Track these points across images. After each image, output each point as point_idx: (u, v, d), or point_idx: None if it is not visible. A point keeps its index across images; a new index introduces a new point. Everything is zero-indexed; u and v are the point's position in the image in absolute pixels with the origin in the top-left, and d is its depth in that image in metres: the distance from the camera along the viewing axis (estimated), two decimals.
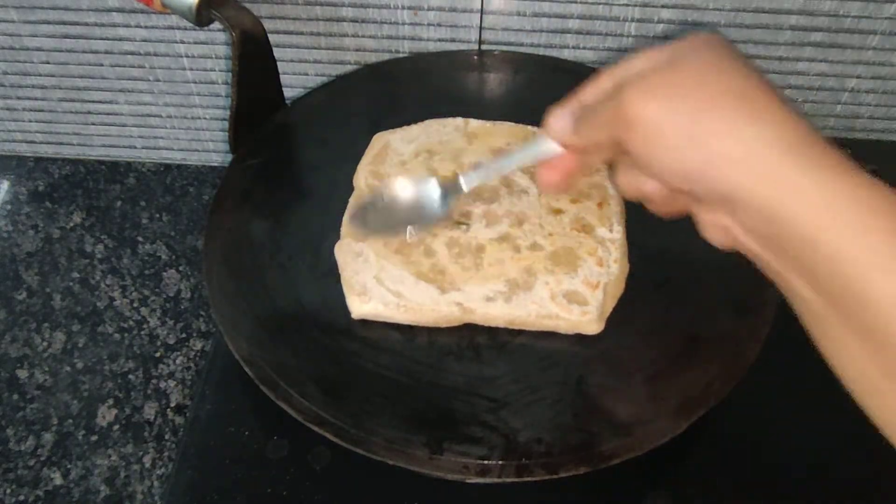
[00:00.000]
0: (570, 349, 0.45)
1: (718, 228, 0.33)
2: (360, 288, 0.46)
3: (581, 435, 0.41)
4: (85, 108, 0.69)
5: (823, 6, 0.58)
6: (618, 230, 0.49)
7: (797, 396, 0.49)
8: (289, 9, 0.60)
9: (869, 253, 0.27)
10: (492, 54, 0.62)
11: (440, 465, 0.40)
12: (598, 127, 0.34)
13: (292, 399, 0.42)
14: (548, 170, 0.38)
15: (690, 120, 0.30)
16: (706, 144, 0.30)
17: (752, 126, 0.29)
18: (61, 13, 0.61)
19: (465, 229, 0.49)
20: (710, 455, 0.47)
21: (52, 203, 0.67)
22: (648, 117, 0.31)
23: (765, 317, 0.45)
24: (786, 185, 0.28)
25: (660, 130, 0.31)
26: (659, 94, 0.31)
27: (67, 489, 0.50)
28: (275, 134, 0.57)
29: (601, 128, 0.34)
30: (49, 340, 0.57)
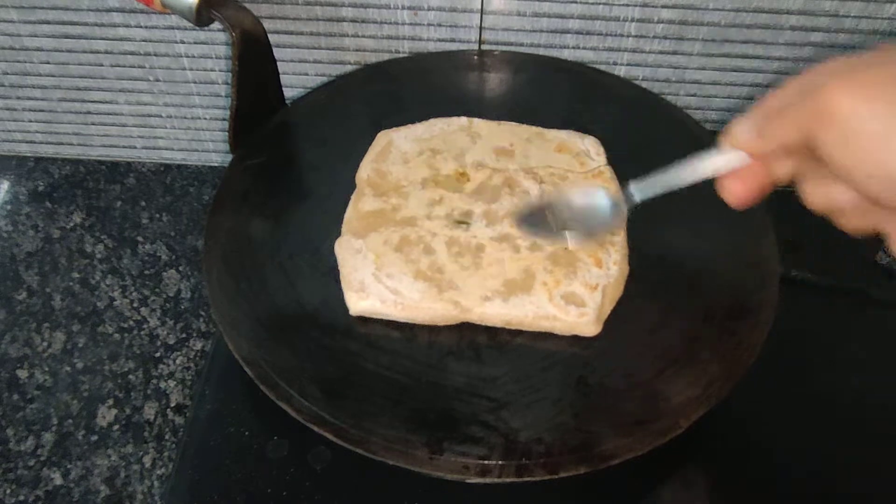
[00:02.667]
0: (571, 349, 0.45)
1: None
2: (358, 284, 0.46)
3: (581, 435, 0.41)
4: (85, 108, 0.69)
5: (823, 6, 0.58)
6: (618, 232, 0.49)
7: (797, 396, 0.49)
8: (289, 9, 0.60)
9: None
10: (492, 54, 0.62)
11: (440, 465, 0.40)
12: (787, 126, 0.32)
13: (292, 399, 0.42)
14: (733, 181, 0.35)
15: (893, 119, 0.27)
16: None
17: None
18: (61, 13, 0.61)
19: (466, 228, 0.49)
20: (710, 455, 0.47)
21: (52, 203, 0.67)
22: (849, 112, 0.28)
23: (765, 317, 0.45)
24: None
25: (861, 127, 0.28)
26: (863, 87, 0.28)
27: (67, 489, 0.50)
28: (275, 134, 0.57)
29: (791, 127, 0.31)
30: (49, 340, 0.57)
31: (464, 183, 0.52)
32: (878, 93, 0.28)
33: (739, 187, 0.35)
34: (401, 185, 0.52)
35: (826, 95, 0.29)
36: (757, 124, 0.33)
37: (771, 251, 0.48)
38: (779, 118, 0.32)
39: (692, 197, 0.53)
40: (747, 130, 0.34)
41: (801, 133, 0.31)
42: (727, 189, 0.35)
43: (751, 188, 0.35)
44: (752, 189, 0.35)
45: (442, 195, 0.51)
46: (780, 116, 0.32)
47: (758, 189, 0.35)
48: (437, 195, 0.51)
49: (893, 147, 0.28)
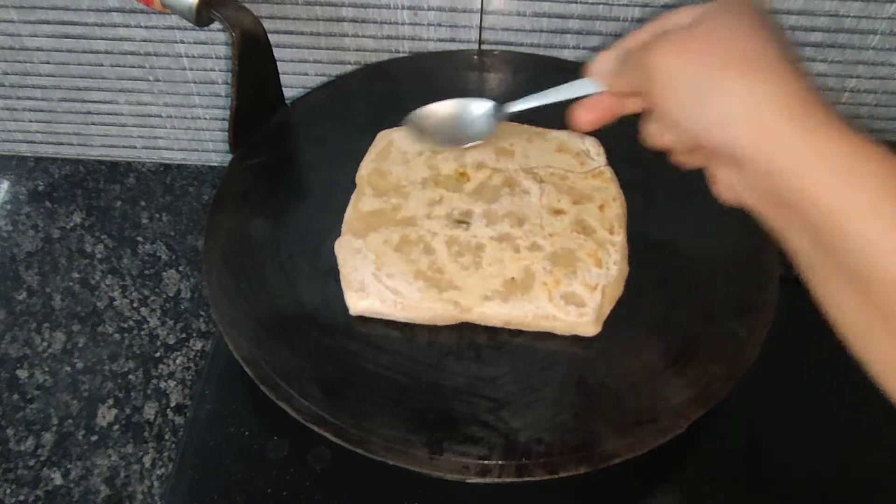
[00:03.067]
0: (571, 349, 0.45)
1: (726, 185, 0.35)
2: (358, 284, 0.46)
3: (581, 435, 0.41)
4: (85, 108, 0.69)
5: (823, 6, 0.58)
6: (618, 233, 0.49)
7: (797, 396, 0.49)
8: (289, 9, 0.60)
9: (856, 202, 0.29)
10: (492, 54, 0.62)
11: (440, 465, 0.40)
12: (629, 73, 0.37)
13: (292, 399, 0.42)
14: (584, 108, 0.40)
15: (704, 78, 0.32)
16: (713, 101, 0.32)
17: (755, 85, 0.31)
18: (61, 13, 0.61)
19: (466, 228, 0.49)
20: (710, 455, 0.47)
21: (52, 203, 0.67)
22: (665, 71, 0.34)
23: (765, 317, 0.45)
24: (780, 141, 0.30)
25: (674, 84, 0.33)
26: (677, 50, 0.33)
27: (67, 489, 0.50)
28: (275, 134, 0.57)
29: (632, 74, 0.37)
30: (49, 340, 0.57)
31: (464, 183, 0.52)
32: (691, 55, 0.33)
33: (587, 114, 0.40)
34: (401, 185, 0.52)
35: (650, 54, 0.34)
36: (612, 63, 0.38)
37: (771, 251, 0.48)
38: (625, 65, 0.37)
39: (692, 197, 0.53)
40: (606, 67, 0.39)
41: (639, 81, 0.36)
42: (576, 115, 0.41)
43: (597, 115, 0.40)
44: (597, 116, 0.40)
45: (442, 195, 0.51)
46: (626, 64, 0.37)
47: (602, 117, 0.40)
48: (437, 195, 0.51)
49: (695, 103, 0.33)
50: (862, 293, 0.30)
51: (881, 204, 0.29)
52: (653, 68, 0.34)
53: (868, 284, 0.29)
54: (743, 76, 0.31)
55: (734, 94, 0.31)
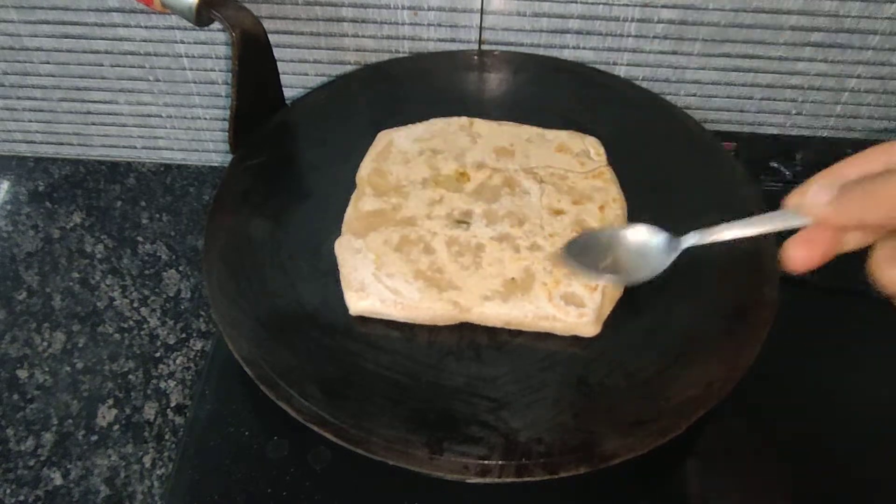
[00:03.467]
0: (571, 349, 0.45)
1: None
2: (358, 284, 0.46)
3: (581, 435, 0.41)
4: (85, 108, 0.69)
5: (823, 6, 0.58)
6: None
7: (797, 396, 0.49)
8: (289, 9, 0.60)
9: None
10: (492, 54, 0.62)
11: (440, 465, 0.40)
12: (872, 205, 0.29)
13: (292, 399, 0.42)
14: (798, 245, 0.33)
15: None
16: None
17: None
18: (61, 13, 0.61)
19: (466, 228, 0.49)
20: (710, 455, 0.47)
21: (52, 203, 0.67)
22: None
23: (765, 317, 0.45)
24: None
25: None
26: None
27: (67, 489, 0.50)
28: (275, 134, 0.57)
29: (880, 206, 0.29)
30: (49, 340, 0.57)
31: (464, 183, 0.52)
32: None
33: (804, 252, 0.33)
34: (401, 185, 0.52)
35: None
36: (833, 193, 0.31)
37: (771, 251, 0.48)
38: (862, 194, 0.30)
39: (693, 197, 0.53)
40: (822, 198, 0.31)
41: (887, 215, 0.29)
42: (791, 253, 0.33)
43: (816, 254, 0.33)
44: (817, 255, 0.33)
45: (442, 195, 0.51)
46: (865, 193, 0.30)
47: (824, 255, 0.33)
48: (437, 195, 0.51)
49: None
50: None
51: None
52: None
53: None
54: None
55: None
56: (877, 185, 0.29)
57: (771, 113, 0.66)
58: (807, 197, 0.32)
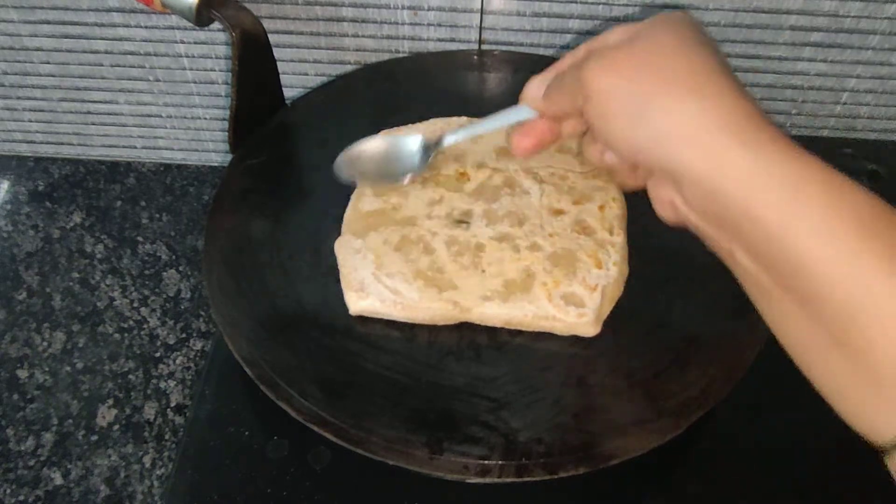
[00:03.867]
0: (571, 349, 0.45)
1: (667, 204, 0.34)
2: (357, 284, 0.46)
3: (581, 435, 0.41)
4: (85, 108, 0.69)
5: (823, 6, 0.58)
6: (618, 233, 0.49)
7: (797, 397, 0.49)
8: (289, 9, 0.60)
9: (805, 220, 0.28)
10: (492, 54, 0.62)
11: (440, 465, 0.40)
12: (563, 95, 0.36)
13: (292, 399, 0.42)
14: (519, 134, 0.40)
15: (640, 96, 0.32)
16: (652, 120, 0.31)
17: (695, 104, 0.30)
18: (61, 13, 0.61)
19: (466, 228, 0.49)
20: (710, 455, 0.47)
21: (52, 203, 0.67)
22: (602, 90, 0.33)
23: None
24: (722, 160, 0.30)
25: (611, 105, 0.33)
26: (614, 69, 0.33)
27: (67, 489, 0.50)
28: (275, 134, 0.57)
29: (566, 96, 0.36)
30: (49, 340, 0.57)
31: (464, 182, 0.52)
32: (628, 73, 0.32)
33: (524, 140, 0.40)
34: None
35: (585, 74, 0.33)
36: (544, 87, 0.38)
37: None
38: (558, 86, 0.37)
39: None
40: (538, 91, 0.38)
41: (572, 103, 0.35)
42: (514, 142, 0.40)
43: (534, 141, 0.40)
44: (534, 142, 0.40)
45: (442, 195, 0.51)
46: (560, 85, 0.37)
47: (540, 142, 0.40)
48: (437, 195, 0.51)
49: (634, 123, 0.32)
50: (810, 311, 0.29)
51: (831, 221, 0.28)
52: (588, 87, 0.33)
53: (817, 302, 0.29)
54: (682, 93, 0.31)
55: (674, 112, 0.31)
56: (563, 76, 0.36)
57: (771, 113, 0.66)
58: (527, 92, 0.39)
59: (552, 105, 0.38)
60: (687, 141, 0.31)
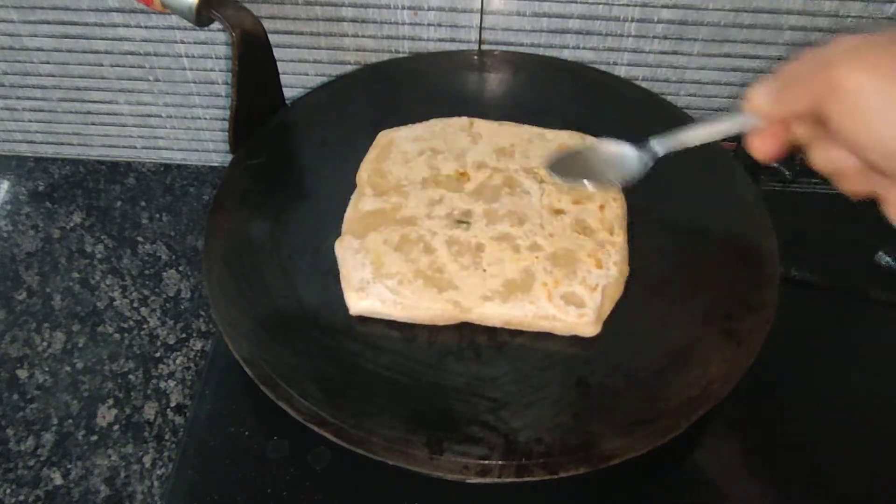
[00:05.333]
0: (570, 349, 0.45)
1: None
2: (358, 284, 0.46)
3: (581, 435, 0.41)
4: (85, 108, 0.69)
5: (823, 6, 0.58)
6: (618, 233, 0.49)
7: (797, 396, 0.49)
8: (289, 9, 0.60)
9: None
10: (492, 54, 0.62)
11: (440, 465, 0.40)
12: (800, 95, 0.34)
13: (292, 399, 0.42)
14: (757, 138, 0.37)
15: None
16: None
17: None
18: (61, 13, 0.61)
19: (466, 228, 0.49)
20: (710, 455, 0.47)
21: (52, 203, 0.67)
22: (855, 86, 0.30)
23: (765, 317, 0.45)
24: None
25: (866, 102, 0.30)
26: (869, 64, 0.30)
27: (67, 489, 0.50)
28: (275, 134, 0.57)
29: (803, 96, 0.34)
30: (49, 340, 0.57)
31: (464, 182, 0.52)
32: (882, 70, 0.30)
33: (763, 143, 0.37)
34: (401, 185, 0.52)
35: (836, 70, 0.31)
36: (773, 91, 0.35)
37: (771, 251, 0.48)
38: (792, 87, 0.34)
39: (693, 197, 0.53)
40: (764, 96, 0.36)
41: (812, 103, 0.33)
42: (752, 145, 0.38)
43: (773, 145, 0.37)
44: (774, 146, 0.37)
45: (442, 195, 0.51)
46: (794, 86, 0.34)
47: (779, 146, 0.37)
48: (437, 195, 0.51)
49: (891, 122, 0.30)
50: None
51: None
52: (839, 85, 0.31)
53: None
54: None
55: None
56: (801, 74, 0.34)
57: None
58: (754, 98, 0.37)
59: (783, 106, 0.35)
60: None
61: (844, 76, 0.31)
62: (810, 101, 0.33)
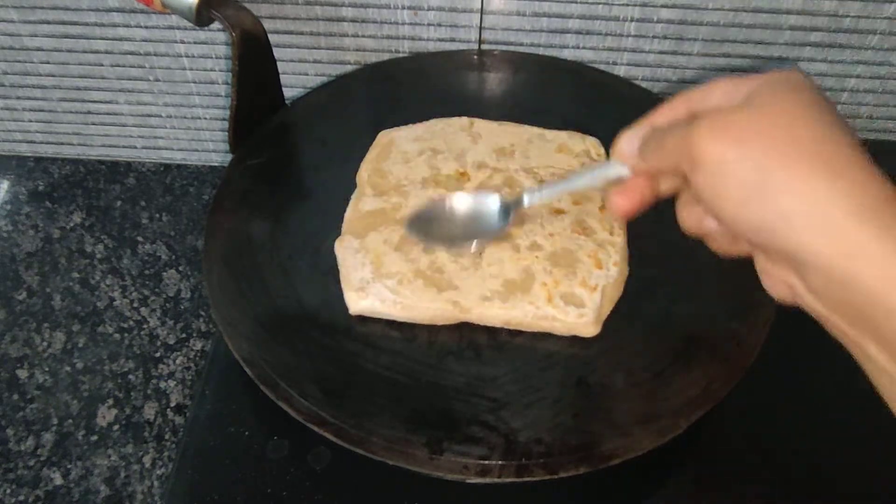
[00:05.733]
0: (570, 350, 0.45)
1: (782, 285, 0.31)
2: (358, 284, 0.46)
3: (581, 435, 0.41)
4: (85, 108, 0.69)
5: (823, 6, 0.58)
6: (618, 233, 0.49)
7: (797, 396, 0.49)
8: (289, 9, 0.60)
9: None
10: (492, 54, 0.62)
11: (440, 465, 0.40)
12: (664, 154, 0.32)
13: (292, 399, 0.42)
14: (617, 194, 0.36)
15: (760, 170, 0.28)
16: (774, 199, 0.28)
17: (824, 183, 0.27)
18: (61, 13, 0.61)
19: None
20: (710, 455, 0.47)
21: (52, 203, 0.67)
22: (716, 159, 0.29)
23: (765, 317, 0.45)
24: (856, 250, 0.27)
25: (726, 176, 0.29)
26: (730, 136, 0.29)
27: (67, 489, 0.50)
28: (275, 134, 0.57)
29: (667, 156, 0.32)
30: (49, 340, 0.57)
31: (464, 182, 0.52)
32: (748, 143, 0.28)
33: (623, 200, 0.35)
34: (401, 185, 0.52)
35: (695, 138, 0.29)
36: (638, 142, 0.34)
37: None
38: (658, 143, 0.33)
39: None
40: (630, 147, 0.34)
41: (675, 165, 0.31)
42: (612, 201, 0.36)
43: (633, 201, 0.35)
44: (634, 202, 0.35)
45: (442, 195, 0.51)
46: (660, 142, 0.32)
47: (640, 202, 0.35)
48: (437, 195, 0.51)
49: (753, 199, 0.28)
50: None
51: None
52: (699, 155, 0.29)
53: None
54: (810, 169, 0.27)
55: (800, 192, 0.27)
56: (665, 134, 0.32)
57: None
58: (618, 146, 0.35)
59: (648, 164, 0.34)
60: (815, 225, 0.27)
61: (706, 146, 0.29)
62: (674, 164, 0.31)
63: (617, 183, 0.36)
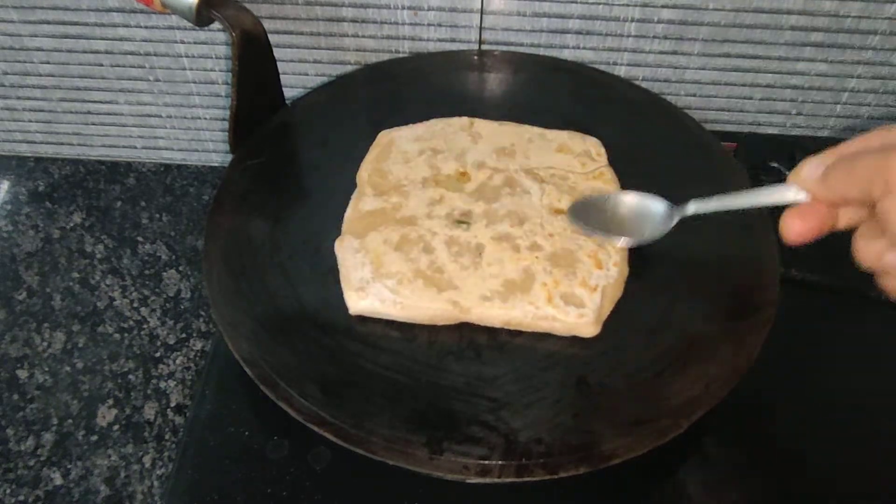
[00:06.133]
0: (570, 350, 0.45)
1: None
2: (357, 284, 0.46)
3: (581, 435, 0.41)
4: (85, 108, 0.69)
5: (823, 6, 0.58)
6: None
7: (797, 396, 0.49)
8: (289, 9, 0.60)
9: None
10: (492, 54, 0.62)
11: (440, 465, 0.40)
12: (853, 180, 0.31)
13: (292, 399, 0.42)
14: (794, 216, 0.34)
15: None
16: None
17: None
18: (61, 13, 0.61)
19: (466, 228, 0.49)
20: (710, 455, 0.47)
21: (52, 203, 0.67)
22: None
23: (765, 317, 0.45)
24: None
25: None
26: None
27: (67, 489, 0.50)
28: (275, 134, 0.57)
29: (857, 182, 0.31)
30: (49, 340, 0.57)
31: (464, 182, 0.52)
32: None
33: (798, 224, 0.34)
34: (401, 185, 0.52)
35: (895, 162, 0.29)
36: (825, 169, 0.33)
37: (771, 251, 0.48)
38: (846, 170, 0.32)
39: (692, 197, 0.53)
40: (814, 172, 0.34)
41: (864, 191, 0.31)
42: (786, 224, 0.35)
43: (810, 227, 0.34)
44: (810, 228, 0.34)
45: (442, 194, 0.51)
46: (849, 169, 0.32)
47: (817, 229, 0.34)
48: (437, 194, 0.51)
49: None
50: None
51: None
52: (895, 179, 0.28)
53: None
54: None
55: None
56: (855, 161, 0.31)
57: (771, 113, 0.66)
58: (801, 172, 0.34)
59: (832, 190, 0.33)
60: None
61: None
62: (863, 191, 0.31)
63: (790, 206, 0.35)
